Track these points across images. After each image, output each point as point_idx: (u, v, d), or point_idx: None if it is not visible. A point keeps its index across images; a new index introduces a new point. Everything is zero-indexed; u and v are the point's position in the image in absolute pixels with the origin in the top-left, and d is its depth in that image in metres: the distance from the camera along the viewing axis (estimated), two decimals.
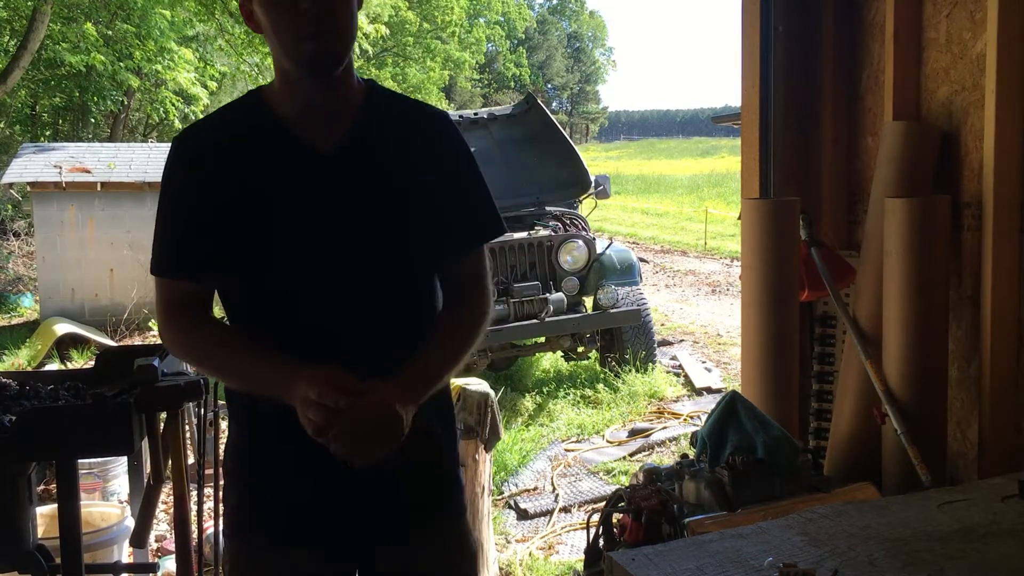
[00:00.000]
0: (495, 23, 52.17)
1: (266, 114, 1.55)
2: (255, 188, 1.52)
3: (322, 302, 1.54)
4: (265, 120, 1.54)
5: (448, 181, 1.61)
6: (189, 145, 1.58)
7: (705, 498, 2.57)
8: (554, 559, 4.03)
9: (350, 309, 1.54)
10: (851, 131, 3.56)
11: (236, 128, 1.57)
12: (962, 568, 1.58)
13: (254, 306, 1.58)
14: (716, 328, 9.74)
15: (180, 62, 14.08)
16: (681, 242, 18.92)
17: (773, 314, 3.23)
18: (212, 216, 1.52)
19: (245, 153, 1.54)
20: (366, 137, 1.56)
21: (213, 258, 1.54)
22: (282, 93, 1.55)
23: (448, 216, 1.60)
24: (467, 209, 1.63)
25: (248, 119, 1.57)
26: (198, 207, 1.53)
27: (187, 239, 1.56)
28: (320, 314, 1.54)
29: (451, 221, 1.60)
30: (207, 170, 1.53)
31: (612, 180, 9.51)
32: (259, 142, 1.54)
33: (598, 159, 47.80)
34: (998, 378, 2.79)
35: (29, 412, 2.27)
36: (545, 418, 6.33)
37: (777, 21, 3.53)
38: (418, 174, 1.57)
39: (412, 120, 1.63)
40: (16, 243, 14.69)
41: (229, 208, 1.52)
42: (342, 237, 1.53)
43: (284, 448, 1.55)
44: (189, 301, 1.59)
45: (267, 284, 1.54)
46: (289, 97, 1.54)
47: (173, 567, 2.73)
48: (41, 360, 8.16)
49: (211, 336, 1.58)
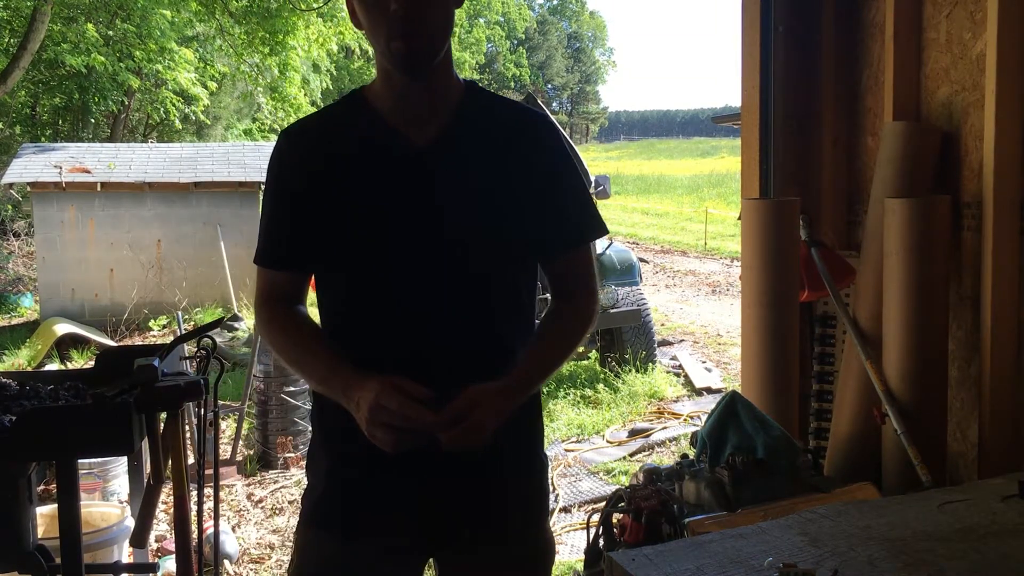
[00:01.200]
0: (495, 23, 52.23)
1: (366, 109, 1.60)
2: (352, 182, 1.56)
3: (414, 293, 1.56)
4: (365, 114, 1.59)
5: (549, 181, 1.63)
6: (294, 139, 1.63)
7: (705, 498, 2.57)
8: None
9: (441, 301, 1.56)
10: (851, 131, 3.56)
11: (339, 123, 1.62)
12: (962, 568, 1.58)
13: (349, 299, 1.60)
14: (716, 328, 9.75)
15: (180, 62, 14.09)
16: (681, 242, 18.93)
17: (773, 314, 3.23)
18: (312, 209, 1.57)
19: (347, 147, 1.59)
20: (461, 133, 1.59)
21: (312, 250, 1.60)
22: (381, 89, 1.59)
23: (549, 215, 1.62)
24: (569, 208, 1.66)
25: (350, 114, 1.62)
26: (300, 200, 1.59)
27: (287, 232, 1.62)
28: (412, 305, 1.56)
29: (552, 220, 1.63)
30: (311, 164, 1.59)
31: (612, 180, 9.50)
32: (359, 137, 1.59)
33: (598, 159, 47.82)
34: (998, 378, 2.79)
35: (29, 412, 2.27)
36: (545, 418, 6.30)
37: (777, 21, 3.54)
38: (514, 172, 1.60)
39: (510, 120, 1.65)
40: (16, 243, 14.70)
41: (329, 201, 1.57)
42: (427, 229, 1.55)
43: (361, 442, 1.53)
44: (279, 293, 1.66)
45: (362, 275, 1.57)
46: (387, 93, 1.58)
47: (173, 567, 2.73)
48: (41, 360, 8.17)
49: (290, 331, 1.63)
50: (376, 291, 1.58)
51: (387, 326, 1.57)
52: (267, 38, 12.06)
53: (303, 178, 1.59)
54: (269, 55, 12.30)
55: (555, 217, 1.63)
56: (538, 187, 1.61)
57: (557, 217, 1.63)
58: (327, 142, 1.60)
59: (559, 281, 1.69)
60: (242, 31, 12.13)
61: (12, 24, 14.25)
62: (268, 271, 1.66)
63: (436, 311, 1.56)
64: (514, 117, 1.66)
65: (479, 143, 1.60)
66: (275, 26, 11.95)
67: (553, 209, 1.63)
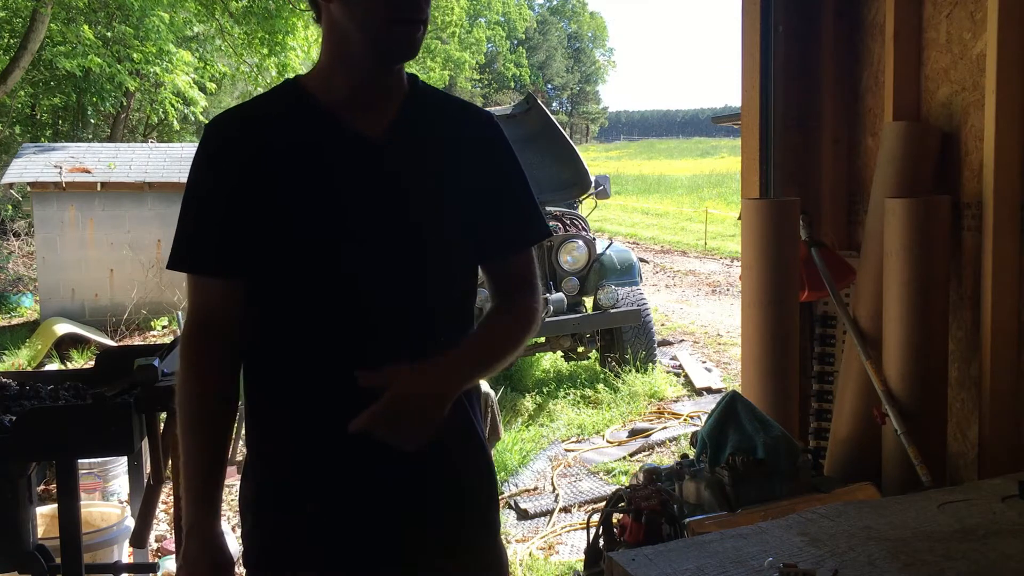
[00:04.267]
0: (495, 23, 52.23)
1: (306, 99, 1.51)
2: (296, 174, 1.46)
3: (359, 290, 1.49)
4: (306, 105, 1.50)
5: (496, 181, 1.58)
6: (221, 131, 1.51)
7: (705, 498, 2.57)
8: (554, 559, 4.03)
9: (387, 299, 1.49)
10: (851, 131, 3.56)
11: (273, 112, 1.51)
12: (962, 568, 1.58)
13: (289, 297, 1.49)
14: (716, 328, 9.75)
15: (179, 63, 14.08)
16: (681, 242, 18.92)
17: (773, 314, 3.23)
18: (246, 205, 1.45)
19: (283, 138, 1.48)
20: (413, 128, 1.53)
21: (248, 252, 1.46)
22: (328, 79, 1.51)
23: (496, 216, 1.57)
24: (515, 210, 1.61)
25: (286, 104, 1.52)
26: (230, 196, 1.45)
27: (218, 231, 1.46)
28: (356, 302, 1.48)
29: (499, 221, 1.58)
30: (241, 157, 1.46)
31: (612, 180, 9.51)
32: (300, 127, 1.49)
33: (598, 159, 47.81)
34: (998, 378, 2.79)
35: (29, 412, 2.28)
36: (545, 418, 6.33)
37: (777, 21, 3.53)
38: (464, 170, 1.55)
39: (458, 117, 1.61)
40: (16, 243, 14.70)
41: (265, 196, 1.45)
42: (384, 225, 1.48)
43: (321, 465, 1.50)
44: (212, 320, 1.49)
45: (305, 273, 1.47)
46: (338, 83, 1.49)
47: (173, 567, 2.73)
48: (41, 360, 8.17)
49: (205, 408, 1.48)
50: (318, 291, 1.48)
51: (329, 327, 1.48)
52: (266, 39, 12.06)
53: (238, 172, 1.45)
54: (268, 56, 12.30)
55: (505, 217, 1.59)
56: (487, 186, 1.57)
57: (507, 217, 1.59)
58: (265, 133, 1.48)
59: (502, 281, 1.63)
60: (242, 31, 12.13)
61: (12, 24, 14.26)
62: (199, 285, 1.49)
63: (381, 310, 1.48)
64: (462, 114, 1.62)
65: (428, 138, 1.54)
66: (274, 27, 11.95)
67: (502, 209, 1.58)
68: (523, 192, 1.62)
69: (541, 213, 1.66)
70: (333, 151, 1.48)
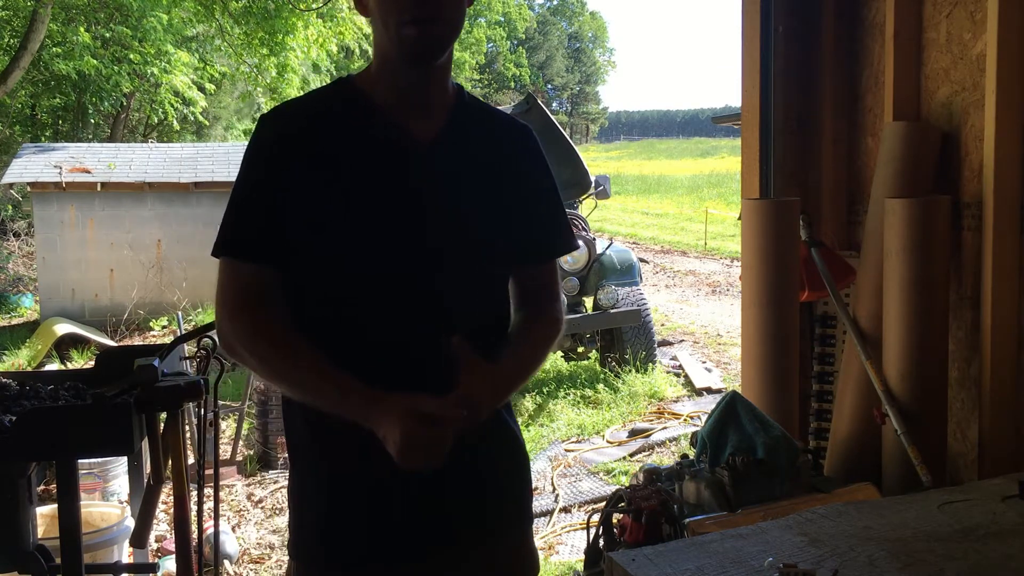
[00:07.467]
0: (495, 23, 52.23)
1: (359, 98, 1.54)
2: (349, 169, 1.50)
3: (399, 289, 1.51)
4: (359, 104, 1.53)
5: (534, 193, 1.64)
6: (276, 124, 1.53)
7: (705, 498, 2.57)
8: (554, 559, 4.03)
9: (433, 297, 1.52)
10: (851, 131, 3.56)
11: (328, 109, 1.54)
12: (962, 568, 1.58)
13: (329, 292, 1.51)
14: (716, 328, 9.75)
15: (177, 64, 14.08)
16: (681, 242, 18.92)
17: (773, 314, 3.23)
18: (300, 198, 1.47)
19: (336, 134, 1.51)
20: (462, 134, 1.57)
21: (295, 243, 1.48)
22: (379, 79, 1.54)
23: (531, 224, 1.63)
24: (548, 221, 1.67)
25: (340, 102, 1.54)
26: (286, 188, 1.48)
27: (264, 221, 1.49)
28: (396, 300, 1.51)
29: (534, 229, 1.63)
30: (294, 149, 1.49)
31: (612, 180, 9.51)
32: (354, 124, 1.52)
33: (598, 159, 47.80)
34: (998, 378, 2.79)
35: (29, 412, 2.28)
36: (545, 418, 6.33)
37: (777, 21, 3.54)
38: (506, 178, 1.60)
39: (503, 128, 1.65)
40: (16, 243, 14.70)
41: (318, 189, 1.48)
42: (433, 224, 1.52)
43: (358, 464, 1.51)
44: (256, 298, 1.50)
45: (346, 268, 1.49)
46: (387, 83, 1.53)
47: (173, 567, 2.73)
48: (41, 360, 8.17)
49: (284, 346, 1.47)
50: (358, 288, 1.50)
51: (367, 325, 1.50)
52: (266, 39, 12.05)
53: (291, 165, 1.48)
54: (268, 56, 12.29)
55: (538, 229, 1.64)
56: (526, 195, 1.62)
57: (540, 229, 1.65)
58: (318, 129, 1.51)
59: (529, 289, 1.68)
60: (241, 32, 12.12)
61: (12, 24, 14.25)
62: (238, 270, 1.51)
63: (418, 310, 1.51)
64: (506, 125, 1.66)
65: (475, 145, 1.59)
66: (274, 27, 11.94)
67: (536, 220, 1.64)
68: (556, 205, 1.69)
69: (571, 226, 1.73)
70: (386, 149, 1.52)
